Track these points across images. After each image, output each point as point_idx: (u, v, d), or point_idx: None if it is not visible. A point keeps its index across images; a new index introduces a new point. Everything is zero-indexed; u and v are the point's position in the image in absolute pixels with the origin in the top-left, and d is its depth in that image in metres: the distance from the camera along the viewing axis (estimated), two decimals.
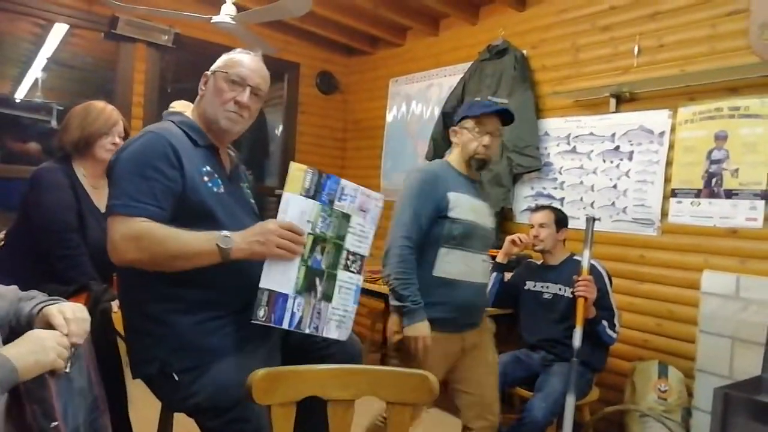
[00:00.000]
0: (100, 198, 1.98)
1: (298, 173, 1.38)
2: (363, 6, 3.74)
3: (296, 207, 1.37)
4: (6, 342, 1.13)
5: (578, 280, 2.23)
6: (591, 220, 2.25)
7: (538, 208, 2.67)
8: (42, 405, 0.99)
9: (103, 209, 1.98)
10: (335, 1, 3.74)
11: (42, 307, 1.17)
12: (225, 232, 1.32)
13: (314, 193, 1.41)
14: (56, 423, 1.00)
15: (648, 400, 2.52)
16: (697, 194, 2.68)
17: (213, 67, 1.54)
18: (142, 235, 1.30)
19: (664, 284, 2.81)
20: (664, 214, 2.81)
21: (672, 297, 2.77)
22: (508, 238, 2.67)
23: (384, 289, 3.12)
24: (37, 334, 1.02)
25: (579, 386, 2.30)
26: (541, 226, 2.57)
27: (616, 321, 2.38)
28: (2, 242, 2.13)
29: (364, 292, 3.22)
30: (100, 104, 2.05)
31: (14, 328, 1.19)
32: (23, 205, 1.98)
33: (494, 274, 2.65)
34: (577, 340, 2.17)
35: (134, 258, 1.31)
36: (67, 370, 1.06)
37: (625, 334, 2.86)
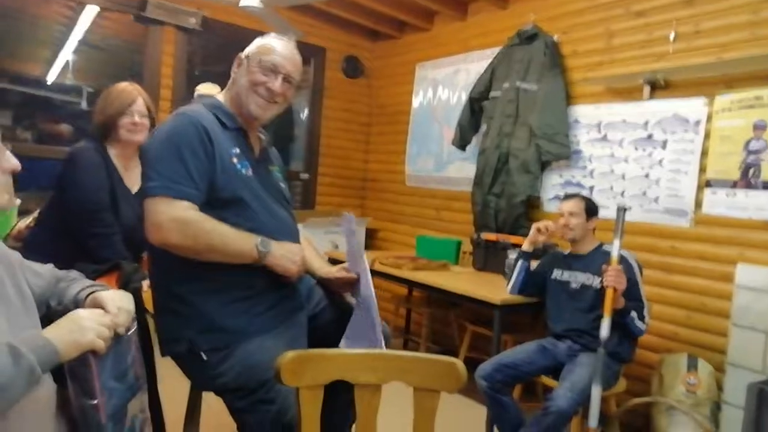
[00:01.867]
0: (130, 179, 2.00)
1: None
2: None
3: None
4: (43, 321, 1.16)
5: (607, 270, 2.19)
6: (622, 210, 2.20)
7: (568, 197, 2.62)
8: (83, 383, 1.01)
9: (133, 190, 2.00)
10: None
11: (90, 293, 1.20)
12: (262, 240, 1.38)
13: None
14: (96, 401, 1.01)
15: (676, 393, 2.48)
16: (733, 185, 2.60)
17: (246, 51, 1.54)
18: (189, 222, 1.33)
19: (695, 276, 2.75)
20: (698, 204, 2.74)
21: (704, 289, 2.71)
22: (534, 225, 2.64)
23: (407, 274, 3.14)
24: (77, 314, 1.04)
25: (605, 377, 2.27)
26: (571, 214, 2.52)
27: (645, 313, 2.33)
28: (36, 221, 2.18)
29: (388, 277, 3.25)
30: (121, 85, 2.06)
31: (53, 308, 1.22)
32: (58, 184, 2.01)
33: (520, 262, 2.62)
34: (604, 330, 2.13)
35: (176, 242, 1.34)
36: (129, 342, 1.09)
37: (654, 325, 2.81)
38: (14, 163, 1.00)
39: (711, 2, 2.72)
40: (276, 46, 1.53)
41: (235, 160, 1.45)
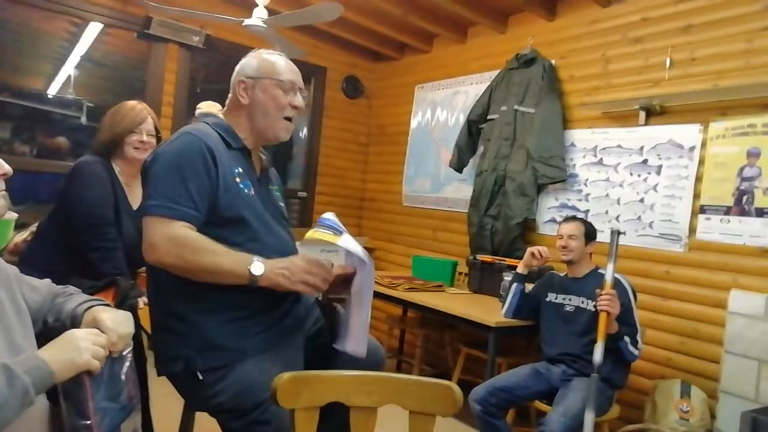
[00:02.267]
0: (132, 195, 2.01)
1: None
2: (391, 12, 3.75)
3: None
4: (39, 337, 1.16)
5: (601, 294, 2.20)
6: (616, 233, 2.21)
7: (568, 219, 2.63)
8: (76, 403, 1.00)
9: (135, 207, 2.01)
10: (364, 6, 3.75)
11: (88, 308, 1.19)
12: (257, 259, 1.34)
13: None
14: (89, 422, 1.00)
15: (669, 420, 2.47)
16: (727, 211, 2.63)
17: (251, 74, 1.52)
18: (182, 243, 1.32)
19: (689, 302, 2.76)
20: (692, 230, 2.76)
21: (697, 315, 2.72)
22: (529, 250, 2.65)
23: (402, 294, 3.14)
24: (72, 335, 1.03)
25: (599, 403, 2.26)
26: (571, 237, 2.53)
27: (638, 338, 2.33)
28: (33, 235, 2.18)
29: (383, 297, 3.25)
30: (130, 103, 2.08)
31: (50, 324, 1.21)
32: (61, 197, 2.01)
33: (515, 285, 2.63)
34: (598, 355, 2.13)
35: (170, 263, 1.34)
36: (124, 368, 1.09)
37: (647, 351, 2.81)
38: (6, 169, 1.00)
39: (707, 30, 2.78)
40: (281, 63, 1.54)
41: (237, 180, 1.45)
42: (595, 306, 2.27)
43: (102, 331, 1.12)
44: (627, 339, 2.29)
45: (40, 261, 2.04)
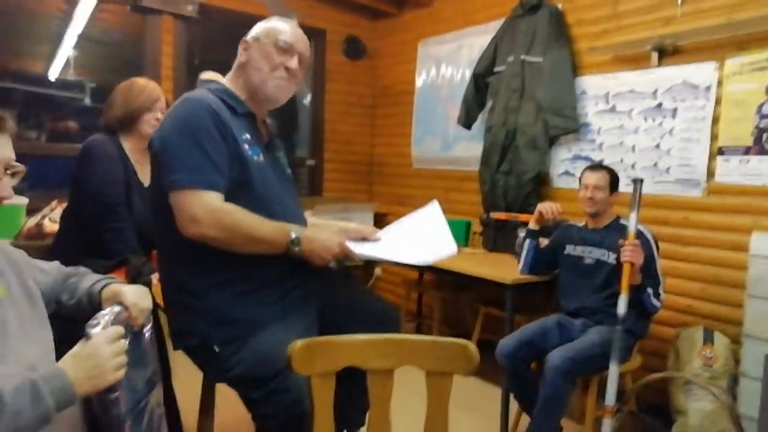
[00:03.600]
0: (143, 173, 2.00)
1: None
2: None
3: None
4: (51, 317, 1.16)
5: (624, 245, 2.15)
6: (638, 182, 2.14)
7: (593, 168, 2.51)
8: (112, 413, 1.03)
9: (146, 184, 2.00)
10: None
11: (105, 284, 1.20)
12: (295, 232, 1.38)
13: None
14: (116, 394, 1.02)
15: (693, 367, 2.45)
16: (746, 152, 2.54)
17: (253, 35, 1.52)
18: (225, 214, 1.33)
19: (709, 247, 2.70)
20: (711, 173, 2.68)
21: (718, 260, 2.67)
22: (538, 208, 2.59)
23: None
24: (97, 352, 0.98)
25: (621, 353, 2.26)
26: (596, 188, 2.42)
27: (660, 290, 2.29)
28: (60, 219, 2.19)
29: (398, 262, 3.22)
30: (142, 81, 2.07)
31: (64, 302, 1.22)
32: (72, 178, 2.01)
33: (527, 240, 2.59)
34: (622, 307, 2.09)
35: (214, 235, 1.33)
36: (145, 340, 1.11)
37: (668, 299, 2.76)
38: (6, 193, 1.01)
39: None
40: (286, 27, 1.52)
41: (246, 146, 1.43)
42: (617, 258, 2.22)
43: (124, 304, 1.13)
44: (650, 291, 2.24)
45: (57, 241, 2.06)
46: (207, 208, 1.32)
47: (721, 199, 2.65)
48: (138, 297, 1.17)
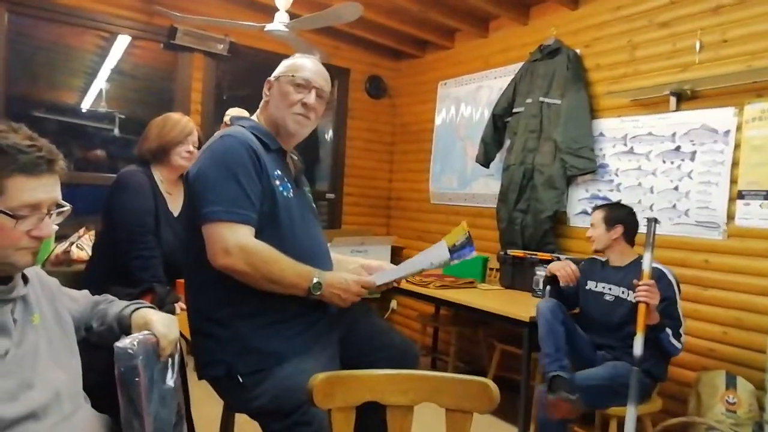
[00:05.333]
0: (173, 203, 2.07)
1: (462, 230, 1.53)
2: (411, 9, 3.74)
3: (435, 252, 1.54)
4: (80, 344, 1.19)
5: (639, 285, 2.15)
6: (652, 222, 2.15)
7: (594, 208, 2.61)
8: (132, 398, 1.06)
9: (176, 214, 2.06)
10: (384, 5, 3.75)
11: (135, 309, 1.24)
12: (317, 277, 1.41)
13: (454, 251, 1.53)
14: (142, 415, 1.05)
15: (715, 413, 2.40)
16: (767, 196, 2.54)
17: (276, 73, 1.58)
18: (253, 252, 1.37)
19: (731, 290, 2.67)
20: (731, 216, 2.68)
21: (740, 304, 2.64)
22: (552, 270, 2.56)
23: (434, 292, 3.13)
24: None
25: (638, 393, 2.23)
26: (592, 226, 2.53)
27: (681, 331, 2.27)
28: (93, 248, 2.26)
29: (414, 295, 3.24)
30: (176, 115, 2.17)
31: (94, 329, 1.25)
32: (105, 207, 2.08)
33: (548, 288, 2.60)
34: (638, 348, 2.08)
35: (241, 269, 1.37)
36: (171, 380, 1.15)
37: (689, 342, 2.73)
38: (47, 232, 1.05)
39: (738, 10, 2.69)
40: (305, 63, 1.57)
41: (277, 182, 1.48)
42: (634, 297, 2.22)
43: (154, 334, 1.16)
44: (669, 331, 2.22)
45: (89, 268, 2.12)
46: (239, 243, 1.36)
47: (742, 242, 2.64)
48: (167, 327, 1.20)
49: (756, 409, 2.39)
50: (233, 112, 2.99)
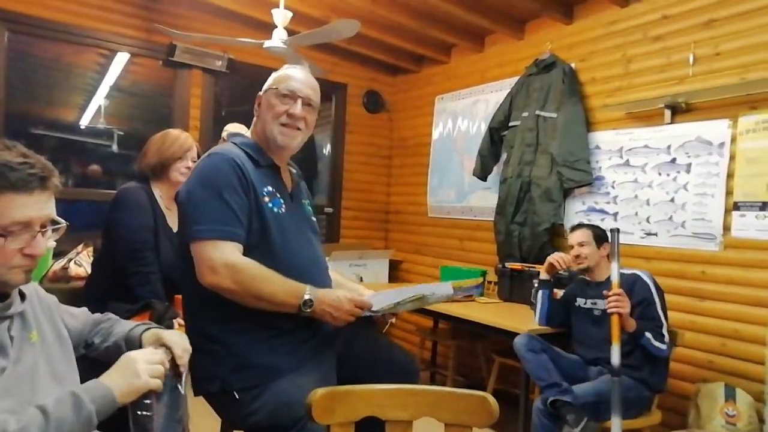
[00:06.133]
0: (173, 219, 2.08)
1: (476, 281, 1.51)
2: (408, 25, 3.78)
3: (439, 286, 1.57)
4: (79, 360, 1.19)
5: (608, 295, 2.18)
6: (615, 232, 2.20)
7: (574, 228, 2.65)
8: (143, 423, 1.06)
9: (175, 229, 2.07)
10: (381, 21, 3.79)
11: (146, 329, 1.24)
12: (308, 294, 1.39)
13: (458, 289, 1.52)
14: (148, 412, 1.05)
15: (714, 425, 2.40)
16: (762, 207, 2.56)
17: (264, 87, 1.59)
18: (240, 269, 1.37)
19: (728, 302, 2.68)
20: (726, 228, 2.69)
21: (738, 315, 2.64)
22: (548, 259, 2.64)
23: (432, 306, 3.12)
24: (128, 358, 1.07)
25: (634, 404, 2.26)
26: (581, 245, 2.55)
27: (664, 332, 2.29)
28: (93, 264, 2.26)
29: (413, 309, 3.23)
30: (175, 131, 2.19)
31: (95, 345, 1.25)
32: (104, 224, 2.09)
33: (541, 291, 2.61)
34: (615, 357, 2.10)
35: (227, 287, 1.37)
36: (182, 390, 1.15)
37: (687, 353, 2.74)
38: (39, 251, 1.04)
39: (731, 23, 2.72)
40: (291, 74, 1.56)
41: (266, 199, 1.48)
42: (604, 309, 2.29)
43: (168, 346, 1.16)
44: (648, 335, 2.26)
45: (88, 284, 2.12)
46: (225, 261, 1.37)
47: (739, 253, 2.65)
48: (180, 336, 1.21)
49: (756, 422, 2.39)
50: (231, 127, 3.01)
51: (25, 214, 0.99)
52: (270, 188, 1.50)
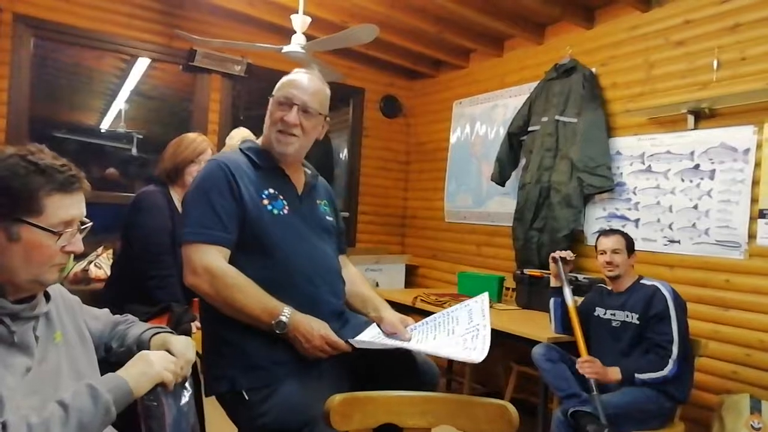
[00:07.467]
0: None
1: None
2: (427, 30, 3.77)
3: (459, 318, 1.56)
4: (101, 363, 1.20)
5: (581, 363, 2.24)
6: (557, 261, 2.39)
7: (607, 233, 2.54)
8: (154, 421, 1.08)
9: None
10: (399, 26, 3.79)
11: (155, 333, 1.25)
12: (283, 316, 1.37)
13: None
14: (159, 405, 1.08)
15: None
16: None
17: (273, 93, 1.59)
18: (218, 275, 1.39)
19: (753, 311, 2.62)
20: (752, 236, 2.63)
21: (763, 325, 2.58)
22: (551, 257, 2.60)
23: None
24: (144, 354, 1.12)
25: (656, 415, 2.23)
26: (615, 252, 2.45)
27: (674, 348, 2.21)
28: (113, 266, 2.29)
29: (429, 315, 3.19)
30: (192, 135, 2.22)
31: (114, 350, 1.26)
32: (124, 227, 2.11)
33: (552, 300, 2.57)
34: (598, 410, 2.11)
35: (204, 291, 1.41)
36: (185, 399, 1.15)
37: (711, 364, 2.68)
38: (79, 247, 1.08)
39: (757, 27, 2.67)
40: (291, 80, 1.55)
41: (266, 201, 1.48)
42: (638, 318, 2.30)
43: (175, 354, 1.18)
44: (640, 376, 2.21)
45: (108, 287, 2.14)
46: (205, 264, 1.39)
47: (764, 262, 2.59)
48: (185, 347, 1.20)
49: None
50: (235, 133, 3.01)
51: (69, 213, 1.05)
52: (271, 190, 1.50)
